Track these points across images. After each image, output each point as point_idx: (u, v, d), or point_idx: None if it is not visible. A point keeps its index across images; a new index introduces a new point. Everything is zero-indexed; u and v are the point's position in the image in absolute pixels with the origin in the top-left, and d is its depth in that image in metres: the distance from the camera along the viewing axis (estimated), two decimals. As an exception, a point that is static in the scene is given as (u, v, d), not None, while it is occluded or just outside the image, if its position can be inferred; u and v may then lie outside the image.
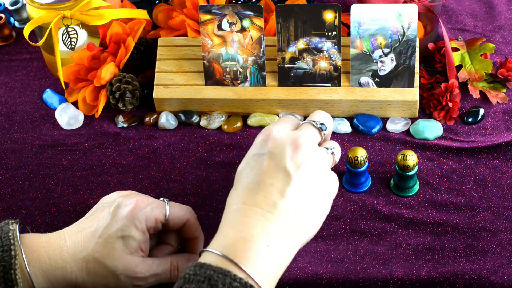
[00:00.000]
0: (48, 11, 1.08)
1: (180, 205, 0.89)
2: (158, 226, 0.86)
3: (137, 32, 1.10)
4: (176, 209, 0.88)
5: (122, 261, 0.83)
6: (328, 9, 1.01)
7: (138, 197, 0.86)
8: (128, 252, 0.83)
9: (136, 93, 1.09)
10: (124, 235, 0.83)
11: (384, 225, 0.94)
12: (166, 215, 0.86)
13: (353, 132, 1.05)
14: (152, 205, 0.86)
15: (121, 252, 0.83)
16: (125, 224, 0.84)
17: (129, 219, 0.84)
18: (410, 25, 1.02)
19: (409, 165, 0.94)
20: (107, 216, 0.85)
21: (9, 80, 1.17)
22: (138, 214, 0.84)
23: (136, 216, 0.84)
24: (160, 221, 0.86)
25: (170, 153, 1.05)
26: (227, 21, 1.04)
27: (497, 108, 1.07)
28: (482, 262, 0.90)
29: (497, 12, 1.21)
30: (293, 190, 0.80)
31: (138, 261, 0.84)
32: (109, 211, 0.85)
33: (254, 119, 1.07)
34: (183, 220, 0.88)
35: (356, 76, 1.05)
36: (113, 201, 0.86)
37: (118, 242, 0.83)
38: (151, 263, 0.85)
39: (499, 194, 0.97)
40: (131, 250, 0.83)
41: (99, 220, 0.85)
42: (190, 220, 0.88)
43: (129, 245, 0.83)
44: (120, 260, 0.83)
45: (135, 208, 0.84)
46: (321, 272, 0.90)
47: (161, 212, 0.86)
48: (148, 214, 0.85)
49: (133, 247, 0.83)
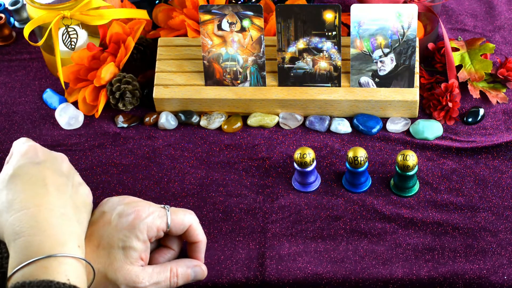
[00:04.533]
0: (48, 11, 1.08)
1: (183, 210, 0.87)
2: (160, 234, 0.85)
3: (137, 32, 1.10)
4: (177, 216, 0.86)
5: (123, 272, 0.82)
6: (328, 9, 1.01)
7: (140, 206, 0.85)
8: (129, 262, 0.82)
9: (136, 93, 1.09)
10: (125, 246, 0.82)
11: (384, 225, 0.94)
12: (168, 223, 0.85)
13: (353, 132, 1.05)
14: (153, 215, 0.84)
15: (122, 263, 0.82)
16: (126, 235, 0.83)
17: (130, 230, 0.83)
18: (410, 25, 1.02)
19: (409, 165, 0.94)
20: (108, 225, 0.84)
21: (9, 80, 1.17)
22: (139, 224, 0.83)
23: (138, 227, 0.83)
24: (162, 229, 0.85)
25: (170, 153, 1.05)
26: (227, 21, 1.04)
27: (497, 108, 1.07)
28: (482, 262, 0.90)
29: (497, 12, 1.21)
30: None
31: (138, 270, 0.83)
32: (109, 219, 0.84)
33: (254, 119, 1.07)
34: (185, 226, 0.87)
35: (356, 76, 1.05)
36: (114, 208, 0.85)
37: (119, 253, 0.82)
38: (151, 271, 0.84)
39: (499, 194, 0.97)
40: (132, 260, 0.83)
41: (99, 229, 0.84)
42: (192, 226, 0.87)
43: (130, 255, 0.82)
44: (120, 271, 0.82)
45: (136, 219, 0.83)
46: (321, 272, 0.90)
47: (163, 221, 0.85)
48: (150, 224, 0.84)
49: (134, 258, 0.83)
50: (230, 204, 0.98)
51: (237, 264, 0.92)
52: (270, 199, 0.98)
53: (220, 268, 0.91)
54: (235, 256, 0.92)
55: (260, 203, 0.98)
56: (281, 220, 0.96)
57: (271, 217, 0.96)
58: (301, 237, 0.94)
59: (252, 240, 0.94)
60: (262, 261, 0.92)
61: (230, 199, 0.99)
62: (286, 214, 0.96)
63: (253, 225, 0.95)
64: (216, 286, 0.90)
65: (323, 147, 1.04)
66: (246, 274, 0.91)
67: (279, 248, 0.93)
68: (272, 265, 0.91)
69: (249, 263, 0.92)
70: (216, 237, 0.94)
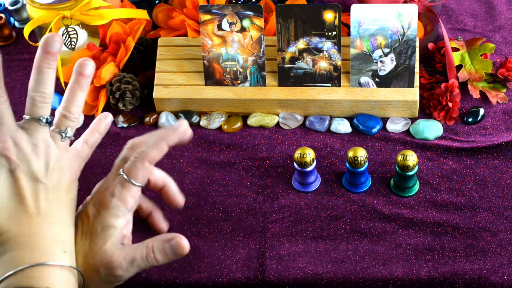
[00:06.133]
0: (48, 11, 1.08)
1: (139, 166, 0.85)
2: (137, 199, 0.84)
3: (137, 32, 1.10)
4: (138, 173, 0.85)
5: (100, 254, 0.80)
6: (328, 9, 1.01)
7: (101, 187, 0.84)
8: (110, 242, 0.81)
9: (136, 93, 1.09)
10: (104, 226, 0.81)
11: (384, 225, 0.94)
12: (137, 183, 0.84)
13: (353, 132, 1.05)
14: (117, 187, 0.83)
15: (100, 245, 0.81)
16: (105, 216, 0.82)
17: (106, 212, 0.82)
18: (410, 25, 1.02)
19: (409, 165, 0.94)
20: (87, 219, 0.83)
21: (9, 80, 1.17)
22: (110, 203, 0.82)
23: (111, 206, 0.82)
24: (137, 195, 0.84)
25: (170, 153, 1.05)
26: (227, 21, 1.04)
27: (497, 108, 1.07)
28: (482, 262, 0.90)
29: (497, 12, 1.21)
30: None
31: (113, 249, 0.81)
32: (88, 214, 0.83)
33: (254, 119, 1.07)
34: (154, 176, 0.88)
35: (356, 76, 1.05)
36: (88, 203, 0.85)
37: (98, 236, 0.81)
38: (127, 250, 0.81)
39: (499, 194, 0.97)
40: (113, 239, 0.81)
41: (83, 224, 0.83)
42: (155, 174, 0.88)
43: (110, 234, 0.81)
44: (98, 253, 0.80)
45: (104, 198, 0.82)
46: (321, 272, 0.90)
47: (129, 188, 0.83)
48: (121, 198, 0.83)
49: (115, 235, 0.81)
50: (230, 204, 0.98)
51: (237, 264, 0.92)
52: (270, 199, 0.98)
53: (220, 267, 0.91)
54: (235, 256, 0.92)
55: (260, 203, 0.98)
56: (281, 220, 0.96)
57: (271, 217, 0.96)
58: (301, 237, 0.94)
59: (252, 240, 0.94)
60: (262, 261, 0.92)
61: (230, 199, 0.99)
62: (286, 214, 0.96)
63: (253, 225, 0.95)
64: (216, 286, 0.90)
65: (323, 147, 1.04)
66: (246, 274, 0.91)
67: (279, 248, 0.93)
68: (272, 265, 0.91)
69: (249, 263, 0.92)
70: (216, 237, 0.94)
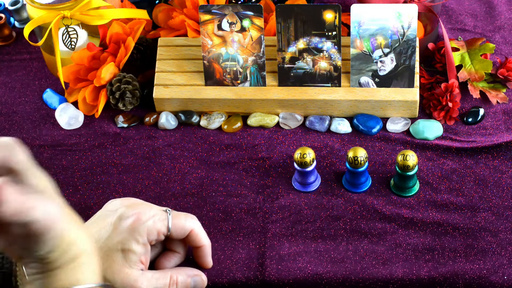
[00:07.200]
0: (48, 11, 1.08)
1: (184, 215, 0.87)
2: (161, 238, 0.85)
3: (137, 32, 1.10)
4: (179, 220, 0.86)
5: (121, 275, 0.82)
6: (328, 9, 1.01)
7: (140, 209, 0.85)
8: (128, 265, 0.82)
9: (136, 93, 1.09)
10: (124, 249, 0.82)
11: (384, 225, 0.94)
12: (169, 227, 0.85)
13: (353, 132, 1.05)
14: (154, 218, 0.84)
15: (120, 266, 0.82)
16: (126, 237, 0.82)
17: (130, 232, 0.82)
18: (410, 25, 1.02)
19: (409, 165, 0.94)
20: (109, 227, 0.83)
21: (9, 80, 1.17)
22: (139, 227, 0.83)
23: (137, 230, 0.83)
24: (163, 233, 0.85)
25: (170, 153, 1.05)
26: (227, 21, 1.04)
27: (497, 108, 1.07)
28: (482, 262, 0.90)
29: (497, 12, 1.21)
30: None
31: (137, 274, 0.82)
32: (111, 221, 0.84)
33: (254, 119, 1.07)
34: (186, 231, 0.86)
35: (356, 76, 1.05)
36: (116, 210, 0.85)
37: (118, 256, 0.82)
38: (150, 277, 0.83)
39: (499, 194, 0.97)
40: (131, 263, 0.82)
41: (100, 230, 0.84)
42: (194, 231, 0.87)
43: (129, 258, 0.82)
44: (119, 274, 0.82)
45: (136, 221, 0.83)
46: (321, 272, 0.90)
47: (163, 225, 0.85)
48: (150, 228, 0.83)
49: (133, 261, 0.82)
50: (230, 204, 0.98)
51: (237, 264, 0.92)
52: (270, 199, 0.98)
53: (220, 268, 0.91)
54: (235, 256, 0.92)
55: (260, 203, 0.98)
56: (281, 220, 0.96)
57: (271, 217, 0.96)
58: (301, 237, 0.94)
59: (252, 240, 0.94)
60: (262, 261, 0.92)
61: (230, 199, 0.99)
62: (286, 214, 0.96)
63: (253, 225, 0.95)
64: (216, 286, 0.90)
65: (323, 147, 1.04)
66: (246, 274, 0.91)
67: (279, 248, 0.93)
68: (272, 265, 0.91)
69: (249, 263, 0.92)
70: (216, 237, 0.94)
